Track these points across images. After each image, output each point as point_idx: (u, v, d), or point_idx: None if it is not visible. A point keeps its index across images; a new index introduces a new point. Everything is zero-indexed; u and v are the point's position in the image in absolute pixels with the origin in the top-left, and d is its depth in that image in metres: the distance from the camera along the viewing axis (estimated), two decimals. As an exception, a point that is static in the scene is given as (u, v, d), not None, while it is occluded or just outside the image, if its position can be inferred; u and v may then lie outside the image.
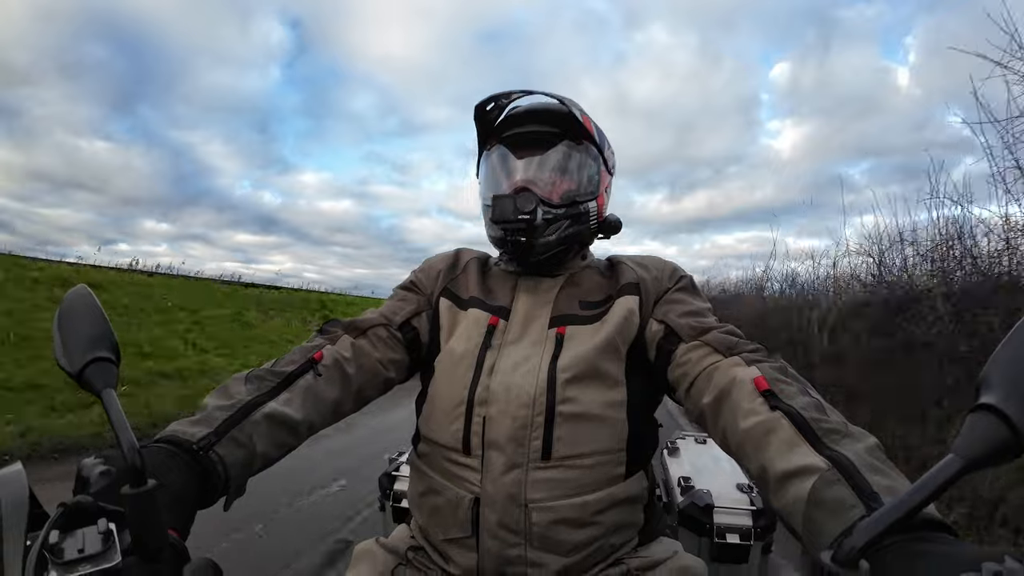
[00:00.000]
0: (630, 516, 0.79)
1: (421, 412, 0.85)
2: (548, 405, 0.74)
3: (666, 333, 0.79)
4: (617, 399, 0.77)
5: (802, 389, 0.63)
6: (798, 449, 0.55)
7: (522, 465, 0.73)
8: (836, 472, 0.50)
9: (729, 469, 1.33)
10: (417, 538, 0.84)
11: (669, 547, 0.83)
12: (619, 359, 0.80)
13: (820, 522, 0.48)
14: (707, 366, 0.72)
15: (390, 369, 0.84)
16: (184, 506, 0.54)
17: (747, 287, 10.60)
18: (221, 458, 0.60)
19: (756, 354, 0.71)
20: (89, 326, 0.52)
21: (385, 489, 1.28)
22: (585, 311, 0.84)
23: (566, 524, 0.73)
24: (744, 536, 1.08)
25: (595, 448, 0.75)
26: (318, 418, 0.74)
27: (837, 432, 0.56)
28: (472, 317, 0.85)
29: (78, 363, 0.49)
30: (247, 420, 0.64)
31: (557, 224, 0.84)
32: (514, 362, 0.78)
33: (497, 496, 0.73)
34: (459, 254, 0.98)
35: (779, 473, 0.55)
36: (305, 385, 0.73)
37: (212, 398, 0.67)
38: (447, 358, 0.83)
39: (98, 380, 0.48)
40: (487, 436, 0.75)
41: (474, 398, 0.76)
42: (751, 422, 0.61)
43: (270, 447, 0.66)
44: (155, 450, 0.57)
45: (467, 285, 0.91)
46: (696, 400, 0.71)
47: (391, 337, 0.86)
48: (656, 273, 0.87)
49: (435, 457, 0.80)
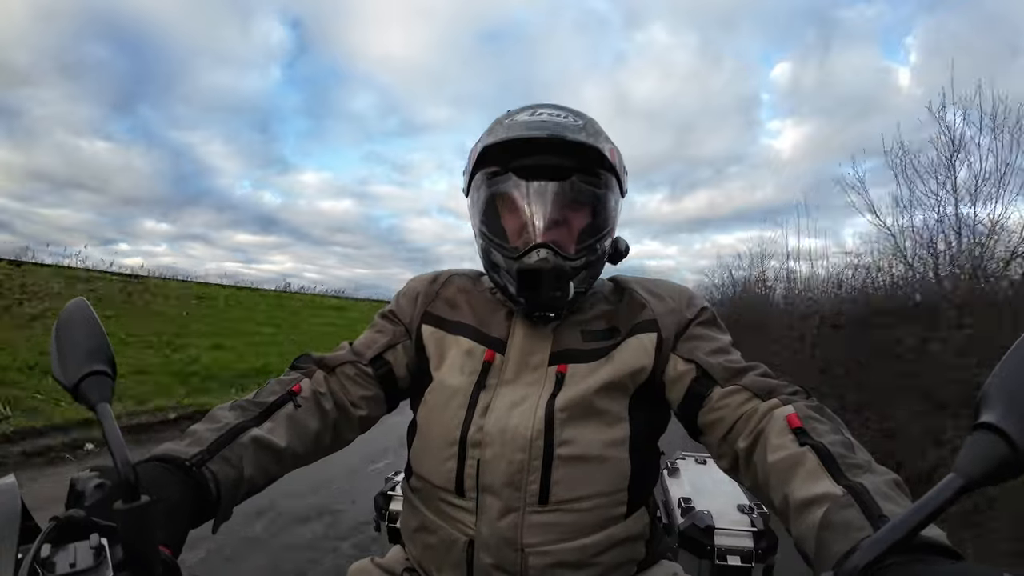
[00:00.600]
0: (631, 554, 0.77)
1: (412, 444, 0.82)
2: (546, 447, 0.71)
3: (699, 375, 0.75)
4: (618, 437, 0.75)
5: (834, 428, 0.63)
6: (819, 480, 0.55)
7: (519, 509, 0.71)
8: (849, 498, 0.50)
9: (730, 490, 1.32)
10: (412, 561, 0.83)
11: (669, 570, 0.82)
12: (624, 396, 0.77)
13: (828, 543, 0.48)
14: (746, 411, 0.69)
15: (362, 407, 0.81)
16: (177, 523, 0.54)
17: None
18: (213, 475, 0.59)
19: (795, 396, 0.69)
20: (86, 339, 0.51)
21: (381, 509, 1.27)
22: (589, 343, 0.79)
23: (564, 567, 0.71)
24: (745, 558, 1.06)
25: (595, 491, 0.72)
26: (301, 448, 0.72)
27: (860, 467, 0.56)
28: (464, 347, 0.81)
29: (74, 376, 0.49)
30: (236, 442, 0.64)
31: (579, 276, 0.77)
32: (511, 401, 0.75)
33: (492, 540, 0.71)
34: (439, 274, 0.92)
35: (798, 501, 0.55)
36: (286, 414, 0.72)
37: (198, 424, 0.66)
38: (438, 391, 0.79)
39: (93, 394, 0.48)
40: (482, 480, 0.72)
41: (467, 439, 0.73)
42: (779, 456, 0.60)
43: (256, 472, 0.66)
44: (149, 466, 0.56)
45: (452, 305, 0.86)
46: (732, 444, 0.70)
47: (360, 374, 0.82)
48: (673, 304, 0.82)
49: (428, 494, 0.78)
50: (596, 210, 0.79)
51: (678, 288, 0.86)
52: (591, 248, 0.79)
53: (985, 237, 5.00)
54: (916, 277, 5.53)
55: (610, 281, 0.91)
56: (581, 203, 0.78)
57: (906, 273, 5.86)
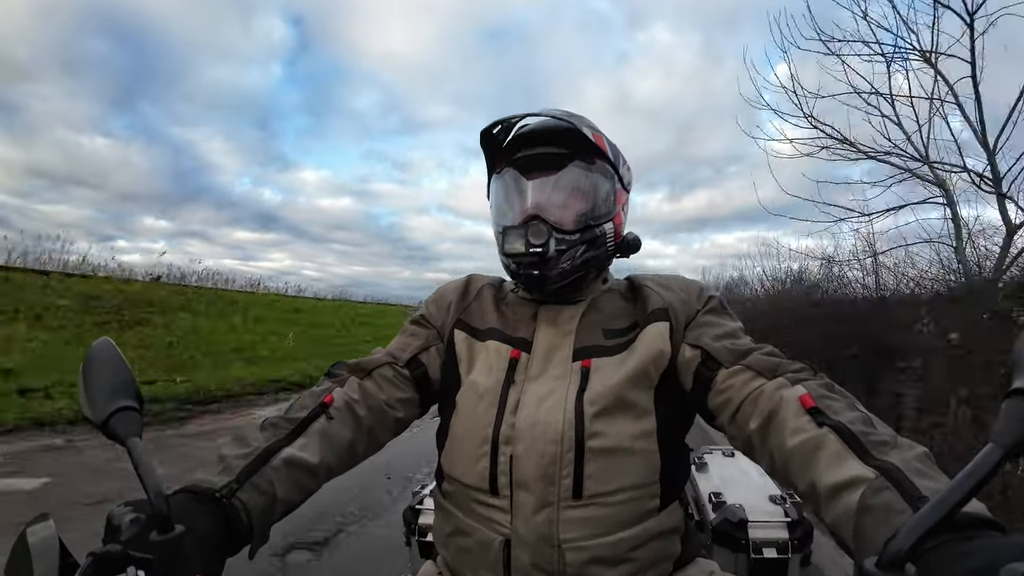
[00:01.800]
0: (667, 549, 0.76)
1: (443, 449, 0.83)
2: (577, 441, 0.71)
3: (703, 359, 0.76)
4: (647, 429, 0.75)
5: (849, 404, 0.62)
6: (846, 462, 0.54)
7: (553, 504, 0.71)
8: (884, 480, 0.49)
9: (760, 481, 1.30)
10: (445, 574, 0.82)
11: (705, 568, 0.81)
12: (649, 387, 0.77)
13: (869, 529, 0.47)
14: (752, 391, 0.69)
15: (398, 409, 0.83)
16: (212, 552, 0.55)
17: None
18: (244, 504, 0.60)
19: (801, 373, 0.69)
20: (111, 376, 0.53)
21: (410, 524, 1.26)
22: (610, 340, 0.81)
23: (600, 563, 0.70)
24: (781, 549, 1.05)
25: (627, 483, 0.72)
26: (335, 460, 0.73)
27: (885, 444, 0.55)
28: (492, 349, 0.83)
29: (102, 413, 0.50)
30: (267, 466, 0.64)
31: (571, 251, 0.81)
32: (539, 397, 0.76)
33: (528, 537, 0.71)
34: (470, 281, 0.95)
35: (828, 487, 0.54)
36: (319, 429, 0.72)
37: (229, 448, 0.66)
38: (468, 393, 0.81)
39: (123, 429, 0.49)
40: (515, 476, 0.72)
41: (499, 437, 0.74)
42: (798, 440, 0.60)
43: (291, 492, 0.66)
44: (181, 498, 0.57)
45: (482, 315, 0.89)
46: (742, 426, 0.69)
47: (397, 375, 0.84)
48: (683, 295, 0.84)
49: (461, 497, 0.78)
50: (589, 193, 0.83)
51: (689, 281, 0.88)
52: (587, 227, 0.82)
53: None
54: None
55: (626, 280, 0.93)
56: (575, 187, 0.83)
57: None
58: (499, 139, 0.87)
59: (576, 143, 0.82)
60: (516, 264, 0.82)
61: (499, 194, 0.87)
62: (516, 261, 0.81)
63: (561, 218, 0.81)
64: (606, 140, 0.85)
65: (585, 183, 0.83)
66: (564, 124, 0.81)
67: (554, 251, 0.79)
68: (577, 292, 0.86)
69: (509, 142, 0.86)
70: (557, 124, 0.82)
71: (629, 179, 0.91)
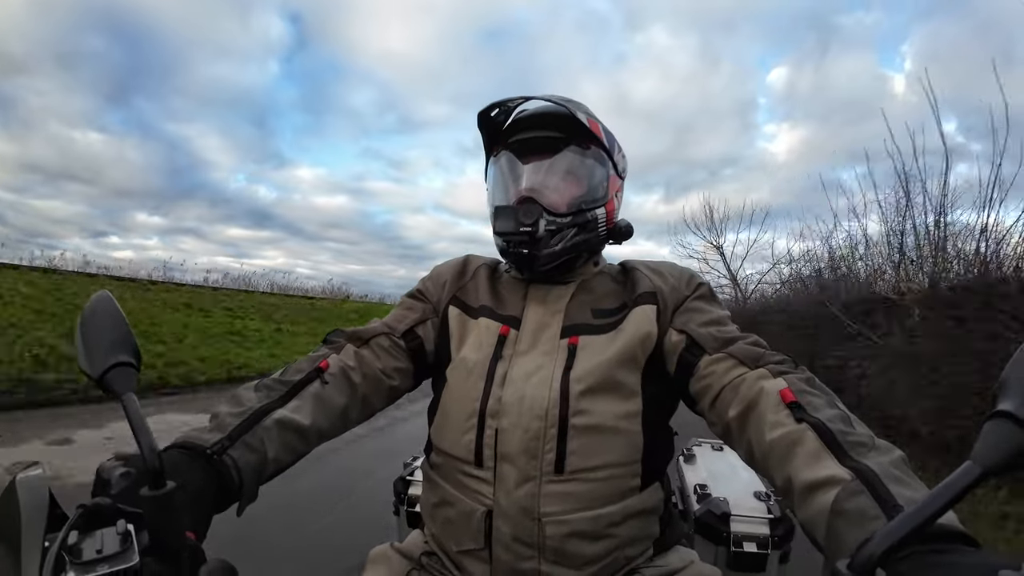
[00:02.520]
0: (646, 528, 0.78)
1: (433, 422, 0.84)
2: (561, 417, 0.73)
3: (688, 344, 0.77)
4: (632, 410, 0.76)
5: (829, 401, 0.62)
6: (823, 461, 0.54)
7: (535, 478, 0.72)
8: (859, 483, 0.50)
9: (746, 477, 1.31)
10: (431, 544, 0.84)
11: (685, 556, 0.82)
12: (636, 369, 0.78)
13: (841, 532, 0.48)
14: (732, 379, 0.70)
15: (394, 378, 0.84)
16: (201, 509, 0.55)
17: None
18: (235, 461, 0.61)
19: (782, 365, 0.69)
20: (111, 331, 0.53)
21: (399, 494, 1.29)
22: (598, 319, 0.82)
23: (580, 537, 0.72)
24: (761, 545, 1.06)
25: (609, 460, 0.73)
26: (327, 424, 0.74)
27: (863, 445, 0.55)
28: (483, 326, 0.84)
29: (99, 367, 0.50)
30: (259, 426, 0.65)
31: (562, 233, 0.82)
32: (526, 372, 0.77)
33: (510, 509, 0.72)
34: (467, 261, 0.97)
35: (803, 484, 0.54)
36: (313, 392, 0.74)
37: (223, 406, 0.68)
38: (459, 368, 0.82)
39: (119, 384, 0.49)
40: (499, 448, 0.74)
41: (486, 409, 0.76)
42: (776, 434, 0.60)
43: (281, 452, 0.67)
44: (172, 453, 0.58)
45: (477, 293, 0.90)
46: (721, 413, 0.70)
47: (394, 346, 0.85)
48: (673, 281, 0.85)
49: (447, 468, 0.80)
50: (583, 177, 0.85)
51: (679, 268, 0.89)
52: (579, 211, 0.84)
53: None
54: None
55: (619, 265, 0.94)
56: (568, 171, 0.84)
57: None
58: (497, 121, 0.88)
59: (572, 128, 0.83)
60: (506, 243, 0.83)
61: (495, 176, 0.89)
62: (506, 240, 0.82)
63: (554, 201, 0.82)
64: (601, 126, 0.86)
65: (579, 168, 0.84)
66: (560, 109, 0.82)
67: (544, 231, 0.80)
68: (568, 273, 0.88)
69: (507, 126, 0.87)
70: (554, 109, 0.83)
71: (624, 166, 0.92)
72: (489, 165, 0.91)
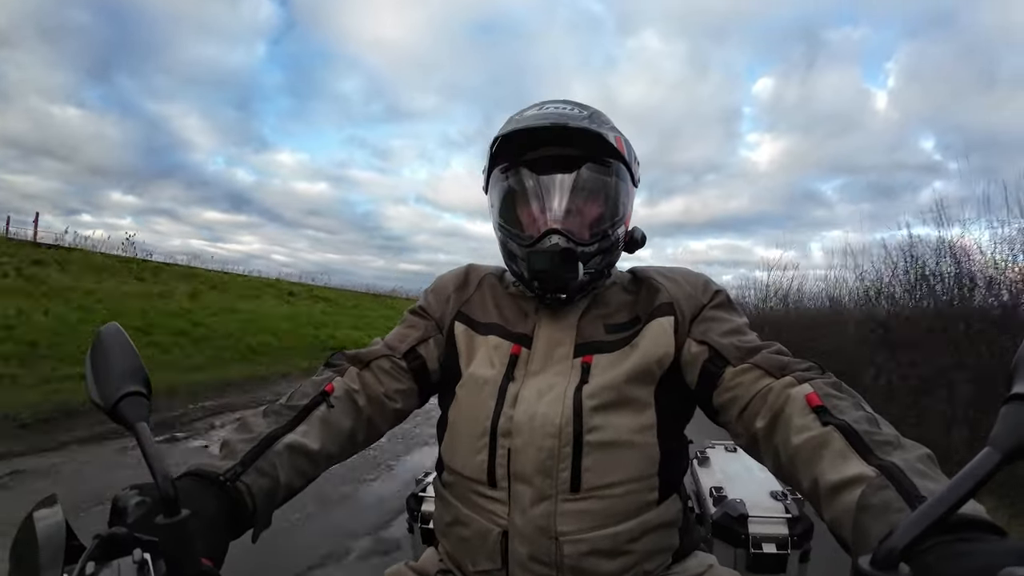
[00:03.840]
0: (664, 540, 0.77)
1: (443, 440, 0.83)
2: (575, 434, 0.72)
3: (710, 356, 0.75)
4: (647, 423, 0.75)
5: (856, 404, 0.62)
6: (849, 461, 0.54)
7: (551, 497, 0.71)
8: (884, 479, 0.50)
9: (761, 477, 1.30)
10: (446, 562, 0.83)
11: (704, 561, 0.81)
12: (651, 383, 0.77)
13: (867, 528, 0.47)
14: (760, 389, 0.69)
15: (397, 400, 0.83)
16: (216, 535, 0.55)
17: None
18: (248, 487, 0.61)
19: (809, 372, 0.69)
20: (120, 361, 0.53)
21: (413, 511, 1.27)
22: (611, 335, 0.80)
23: (599, 555, 0.71)
24: (781, 545, 1.05)
25: (626, 476, 0.72)
26: (335, 447, 0.74)
27: (889, 444, 0.55)
28: (492, 343, 0.83)
29: (111, 398, 0.50)
30: (270, 451, 0.65)
31: (591, 263, 0.80)
32: (539, 391, 0.76)
33: (526, 529, 0.71)
34: (470, 272, 0.95)
35: (829, 485, 0.54)
36: (320, 416, 0.73)
37: (232, 434, 0.68)
38: (469, 384, 0.81)
39: (131, 414, 0.49)
40: (513, 468, 0.73)
41: (497, 429, 0.74)
42: (803, 438, 0.60)
43: (293, 477, 0.67)
44: (186, 482, 0.58)
45: (483, 308, 0.88)
46: (748, 424, 0.69)
47: (395, 367, 0.84)
48: (689, 289, 0.83)
49: (460, 488, 0.79)
50: (606, 198, 0.82)
51: (694, 274, 0.88)
52: (603, 235, 0.81)
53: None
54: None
55: (629, 272, 0.92)
56: (591, 191, 0.81)
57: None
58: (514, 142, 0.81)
59: (591, 143, 0.79)
60: (539, 282, 0.80)
61: (508, 195, 0.83)
62: (538, 277, 0.79)
63: (578, 228, 0.80)
64: (624, 140, 0.83)
65: (600, 187, 0.81)
66: (582, 123, 0.77)
67: (583, 275, 0.78)
68: (580, 290, 0.85)
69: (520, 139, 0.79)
70: (574, 122, 0.77)
71: (638, 174, 0.90)
72: (498, 179, 0.84)
